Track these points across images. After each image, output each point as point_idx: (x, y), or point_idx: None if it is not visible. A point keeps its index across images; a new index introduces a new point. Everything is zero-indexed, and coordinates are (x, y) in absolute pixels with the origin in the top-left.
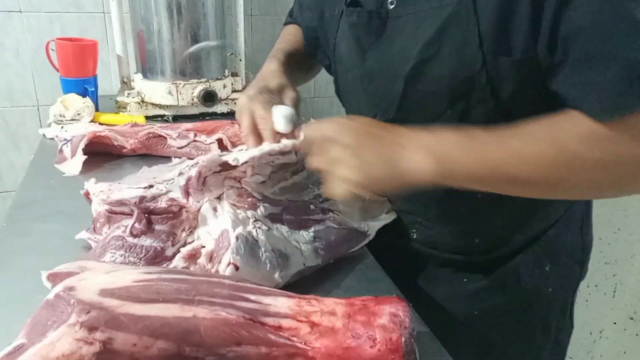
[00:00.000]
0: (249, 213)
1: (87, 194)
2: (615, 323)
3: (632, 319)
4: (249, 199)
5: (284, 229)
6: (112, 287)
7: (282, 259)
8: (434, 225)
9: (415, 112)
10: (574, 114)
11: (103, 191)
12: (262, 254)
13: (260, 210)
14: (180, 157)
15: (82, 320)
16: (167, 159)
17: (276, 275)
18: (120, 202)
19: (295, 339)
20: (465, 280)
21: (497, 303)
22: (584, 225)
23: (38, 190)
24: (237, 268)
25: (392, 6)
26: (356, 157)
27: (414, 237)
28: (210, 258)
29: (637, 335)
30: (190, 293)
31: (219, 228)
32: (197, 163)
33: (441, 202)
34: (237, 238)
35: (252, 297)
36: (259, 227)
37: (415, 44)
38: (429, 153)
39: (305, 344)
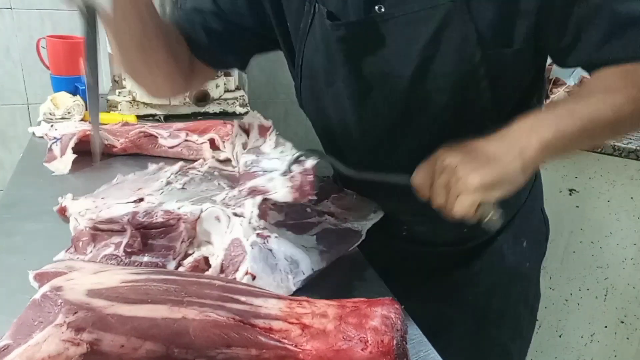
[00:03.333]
0: (258, 221)
1: (61, 211)
2: (606, 327)
3: (623, 322)
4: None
5: (290, 234)
6: (100, 288)
7: (293, 266)
8: (424, 221)
9: (418, 111)
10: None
11: (89, 209)
12: (276, 262)
13: (269, 217)
14: (162, 158)
15: (69, 321)
16: (154, 158)
17: (290, 282)
18: (111, 221)
19: (286, 341)
20: (456, 269)
21: (488, 284)
22: (542, 203)
23: (26, 189)
24: (254, 277)
25: (382, 10)
26: (466, 166)
27: (404, 234)
28: (222, 268)
29: (627, 338)
30: (179, 294)
31: (229, 237)
32: (181, 169)
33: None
34: (252, 246)
35: (243, 298)
36: (269, 236)
37: (413, 45)
38: (531, 131)
39: (296, 346)
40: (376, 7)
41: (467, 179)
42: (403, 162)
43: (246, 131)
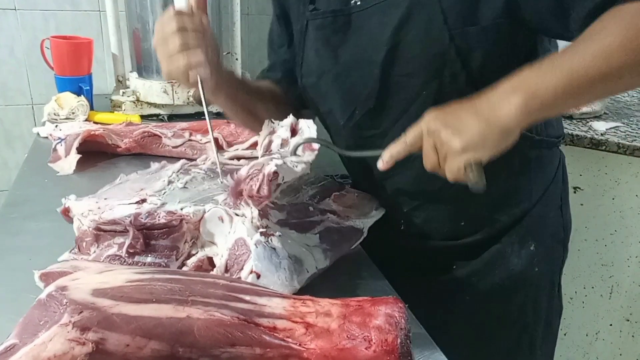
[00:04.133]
0: (260, 221)
1: (65, 211)
2: (611, 325)
3: (628, 320)
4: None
5: (293, 233)
6: (105, 287)
7: (297, 264)
8: (421, 212)
9: (393, 96)
10: (620, 8)
11: (92, 210)
12: (280, 261)
13: (270, 216)
14: (166, 157)
15: (74, 321)
16: (158, 158)
17: (294, 280)
18: (113, 222)
19: (290, 340)
20: (454, 267)
21: (488, 286)
22: (563, 205)
23: (31, 189)
24: (258, 276)
25: (358, 3)
26: (448, 130)
27: (402, 228)
28: (226, 267)
29: (632, 336)
30: (184, 293)
31: (232, 237)
32: (182, 167)
33: (426, 186)
34: (256, 245)
35: (247, 297)
36: (273, 234)
37: (384, 31)
38: (511, 90)
39: (300, 345)
40: (352, 1)
41: (450, 142)
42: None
43: (293, 131)
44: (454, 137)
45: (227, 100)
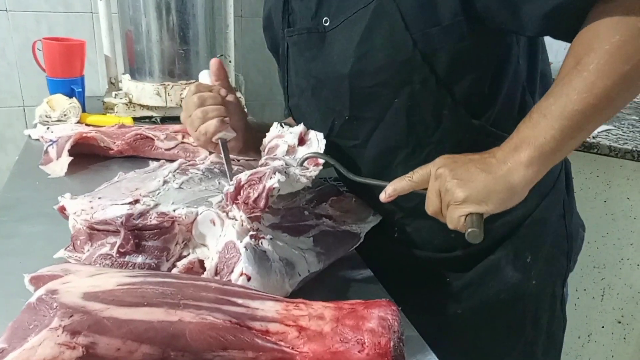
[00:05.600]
0: (251, 224)
1: (61, 209)
2: (603, 327)
3: (620, 322)
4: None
5: (285, 236)
6: (95, 291)
7: (289, 268)
8: (410, 221)
9: (366, 106)
10: (587, 29)
11: (85, 210)
12: (271, 264)
13: (262, 219)
14: (158, 160)
15: (64, 324)
16: (151, 161)
17: (286, 284)
18: (105, 222)
19: (282, 343)
20: (448, 279)
21: (482, 299)
22: (566, 214)
23: (22, 192)
24: (249, 278)
25: (327, 24)
26: (455, 179)
27: (396, 235)
28: (216, 271)
29: (624, 338)
30: (175, 297)
31: (223, 240)
32: (180, 167)
33: (411, 195)
34: (246, 248)
35: (239, 300)
36: (263, 237)
37: (350, 45)
38: (514, 148)
39: (292, 348)
40: (323, 20)
41: (454, 192)
42: (371, 162)
43: (302, 140)
44: (459, 188)
45: (257, 154)
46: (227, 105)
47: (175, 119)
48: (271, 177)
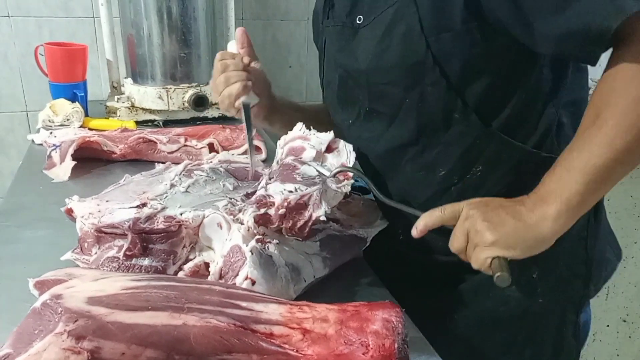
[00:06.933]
0: (257, 228)
1: (68, 211)
2: (608, 326)
3: (624, 321)
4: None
5: (292, 240)
6: (100, 295)
7: (294, 273)
8: (414, 220)
9: (381, 102)
10: (603, 79)
11: (92, 213)
12: (277, 269)
13: (269, 224)
14: (164, 162)
15: (69, 329)
16: (153, 165)
17: (291, 289)
18: (112, 226)
19: (286, 346)
20: (449, 284)
21: (483, 309)
22: (589, 237)
23: (26, 197)
24: (253, 283)
25: (360, 21)
26: (485, 222)
27: (401, 237)
28: (221, 274)
29: (629, 337)
30: (180, 300)
31: (229, 244)
32: (186, 169)
33: (411, 197)
34: (251, 252)
35: (243, 304)
36: (270, 242)
37: (372, 42)
38: (542, 201)
39: (297, 351)
40: (357, 18)
41: (484, 234)
42: (382, 156)
43: (329, 148)
44: (489, 231)
45: (283, 127)
46: (250, 72)
47: (178, 122)
48: (319, 208)
